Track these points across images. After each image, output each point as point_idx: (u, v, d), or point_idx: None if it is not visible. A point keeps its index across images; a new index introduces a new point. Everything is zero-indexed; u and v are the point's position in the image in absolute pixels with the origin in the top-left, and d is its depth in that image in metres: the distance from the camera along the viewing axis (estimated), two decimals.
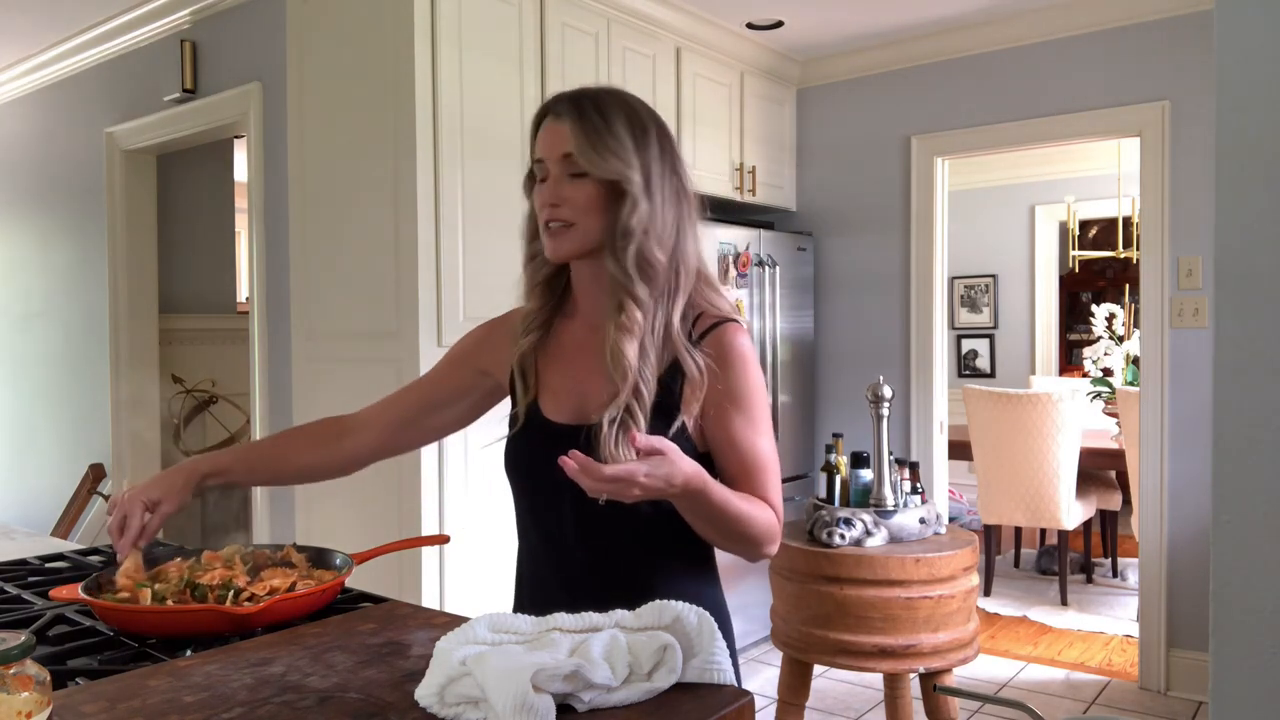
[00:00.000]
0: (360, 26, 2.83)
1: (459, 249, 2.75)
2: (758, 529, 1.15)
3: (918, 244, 4.05)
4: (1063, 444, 4.49)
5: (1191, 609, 3.45)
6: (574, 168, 1.19)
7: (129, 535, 1.23)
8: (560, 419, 1.24)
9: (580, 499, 1.20)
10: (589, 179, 1.19)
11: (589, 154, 1.18)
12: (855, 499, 2.51)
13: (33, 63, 4.32)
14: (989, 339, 7.10)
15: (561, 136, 1.20)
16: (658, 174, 1.20)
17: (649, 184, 1.19)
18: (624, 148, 1.18)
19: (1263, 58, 0.90)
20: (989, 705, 3.32)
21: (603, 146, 1.18)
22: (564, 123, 1.20)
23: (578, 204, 1.20)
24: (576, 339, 1.28)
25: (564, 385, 1.26)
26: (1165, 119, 3.48)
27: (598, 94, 1.23)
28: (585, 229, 1.20)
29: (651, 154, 1.21)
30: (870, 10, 3.68)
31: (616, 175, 1.18)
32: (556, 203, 1.21)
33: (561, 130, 1.20)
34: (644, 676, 0.84)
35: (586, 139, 1.18)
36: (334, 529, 2.90)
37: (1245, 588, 0.91)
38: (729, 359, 1.20)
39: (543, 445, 1.23)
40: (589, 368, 1.23)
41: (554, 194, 1.21)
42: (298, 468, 1.41)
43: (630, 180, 1.18)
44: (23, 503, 4.64)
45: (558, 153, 1.20)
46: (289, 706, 0.83)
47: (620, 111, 1.21)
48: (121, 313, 3.99)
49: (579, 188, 1.19)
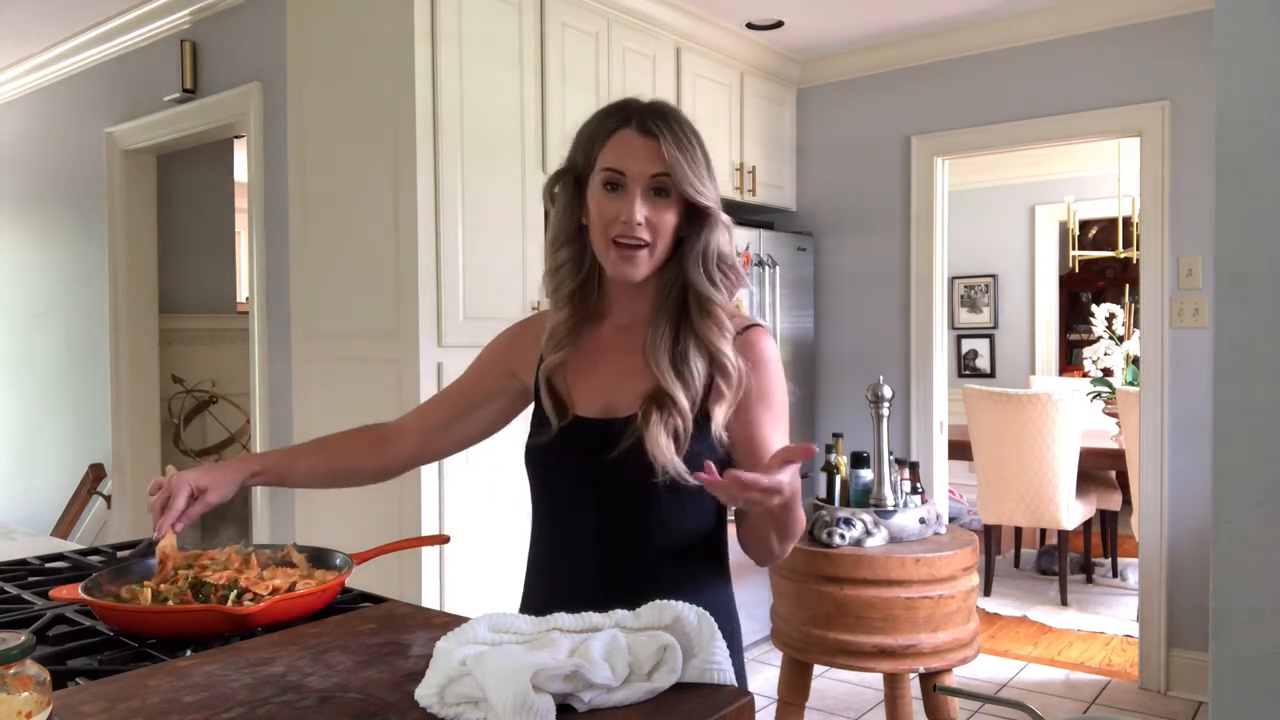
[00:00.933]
0: (360, 26, 2.83)
1: (459, 249, 2.75)
2: (799, 528, 1.18)
3: (918, 244, 4.05)
4: (1063, 444, 4.49)
5: (1191, 609, 3.45)
6: (660, 186, 1.19)
7: (170, 514, 1.24)
8: (589, 414, 1.25)
9: (603, 496, 1.21)
10: (673, 200, 1.19)
11: (689, 179, 1.18)
12: (855, 499, 2.51)
13: (33, 63, 4.33)
14: (989, 339, 7.11)
15: (653, 154, 1.17)
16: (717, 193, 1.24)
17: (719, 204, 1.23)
18: (711, 173, 1.22)
19: (1263, 58, 0.90)
20: (989, 705, 3.32)
21: (700, 172, 1.19)
22: (657, 141, 1.18)
23: (663, 227, 1.19)
24: (604, 340, 1.29)
25: (590, 383, 1.27)
26: (1165, 119, 3.48)
27: (678, 113, 1.23)
28: (661, 251, 1.21)
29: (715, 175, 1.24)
30: (870, 10, 3.68)
31: (710, 202, 1.20)
32: (643, 222, 1.18)
33: (653, 148, 1.18)
34: (644, 676, 0.84)
35: (686, 163, 1.18)
36: (334, 529, 2.90)
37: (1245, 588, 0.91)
38: (759, 360, 1.23)
39: (571, 440, 1.24)
40: (617, 367, 1.24)
41: (639, 213, 1.18)
42: (343, 470, 1.43)
43: (719, 204, 1.22)
44: (23, 503, 4.64)
45: (648, 170, 1.18)
46: (289, 706, 0.83)
47: (697, 134, 1.23)
48: (121, 313, 3.99)
49: (664, 209, 1.19)
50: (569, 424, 1.25)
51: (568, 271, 1.26)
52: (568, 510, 1.25)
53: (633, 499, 1.19)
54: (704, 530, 1.23)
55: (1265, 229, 0.90)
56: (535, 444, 1.28)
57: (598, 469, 1.21)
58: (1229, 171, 0.92)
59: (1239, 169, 0.92)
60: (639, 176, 1.18)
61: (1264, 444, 0.90)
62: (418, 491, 2.65)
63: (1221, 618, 0.93)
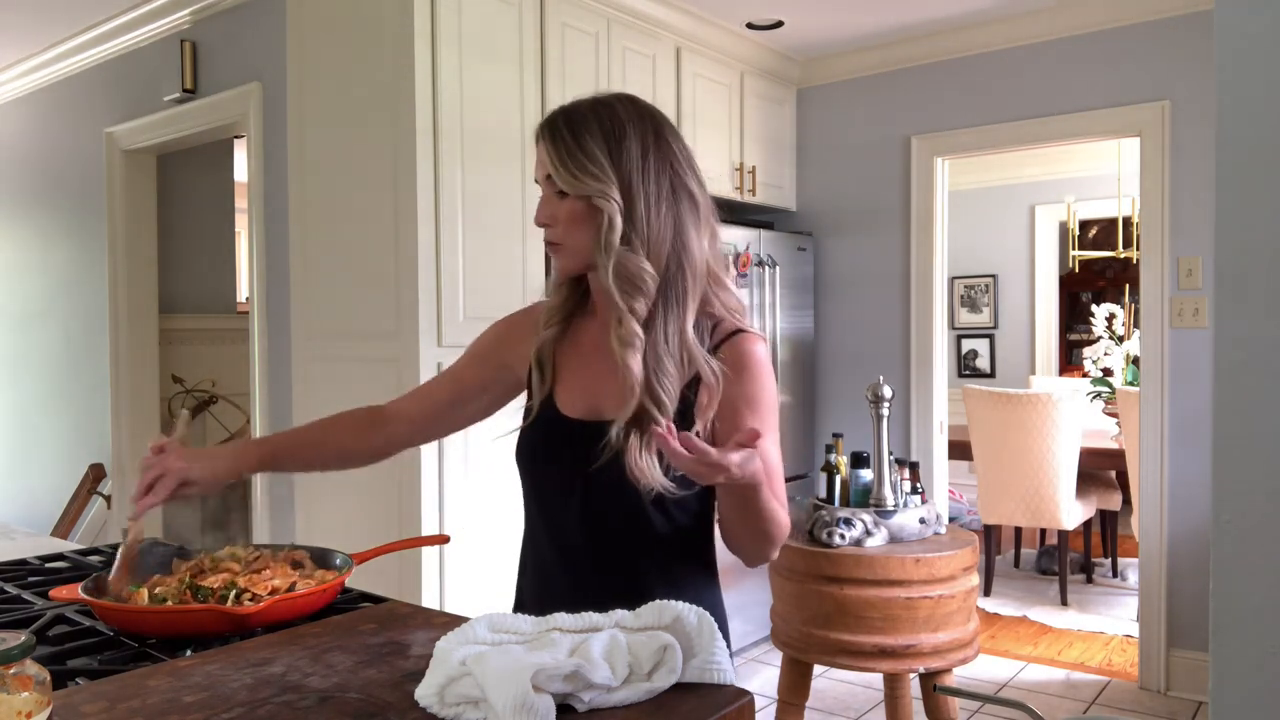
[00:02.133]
0: (360, 27, 2.83)
1: (459, 249, 2.75)
2: (778, 529, 1.17)
3: (918, 244, 4.05)
4: (1063, 444, 4.49)
5: (1191, 609, 3.45)
6: (556, 186, 1.21)
7: (151, 500, 1.23)
8: (574, 414, 1.25)
9: (588, 493, 1.21)
10: (570, 197, 1.20)
11: (561, 174, 1.19)
12: (855, 499, 2.51)
13: (33, 63, 4.32)
14: (989, 339, 7.10)
15: (543, 156, 1.22)
16: (640, 181, 1.18)
17: (629, 193, 1.17)
18: (595, 162, 1.17)
19: (1263, 58, 0.90)
20: (989, 705, 3.32)
21: (574, 165, 1.18)
22: (542, 143, 1.22)
23: (563, 222, 1.21)
24: (594, 338, 1.28)
25: (580, 382, 1.27)
26: (1165, 119, 3.48)
27: (574, 109, 1.23)
28: (575, 246, 1.21)
29: (629, 161, 1.18)
30: (870, 10, 3.68)
31: (590, 193, 1.18)
32: (546, 222, 1.23)
33: (543, 151, 1.22)
34: (644, 676, 0.84)
35: (558, 158, 1.19)
36: (334, 529, 2.90)
37: (1245, 588, 0.91)
38: (745, 365, 1.21)
39: (556, 439, 1.25)
40: (606, 367, 1.23)
41: (542, 213, 1.23)
42: (338, 452, 1.43)
43: (605, 195, 1.17)
44: (23, 503, 4.64)
45: (542, 174, 1.23)
46: (289, 706, 0.83)
47: (594, 123, 1.19)
48: (121, 313, 3.99)
49: (562, 206, 1.21)
50: (556, 422, 1.25)
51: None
52: (555, 511, 1.26)
53: (619, 504, 1.19)
54: (691, 533, 1.23)
55: (1265, 229, 0.90)
56: (524, 439, 1.29)
57: (586, 472, 1.20)
58: (1229, 171, 0.92)
59: (1239, 169, 0.92)
60: (540, 181, 1.24)
61: (1264, 444, 0.90)
62: (418, 491, 2.65)
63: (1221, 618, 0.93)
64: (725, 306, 1.25)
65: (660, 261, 1.19)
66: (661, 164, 1.20)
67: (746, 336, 1.23)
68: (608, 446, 1.17)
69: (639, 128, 1.21)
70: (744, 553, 1.21)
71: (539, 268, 2.99)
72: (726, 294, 1.26)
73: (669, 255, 1.19)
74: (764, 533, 1.16)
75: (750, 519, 1.14)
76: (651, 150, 1.20)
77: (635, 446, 1.15)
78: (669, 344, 1.18)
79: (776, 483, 1.19)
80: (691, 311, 1.20)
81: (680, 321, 1.19)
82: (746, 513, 1.14)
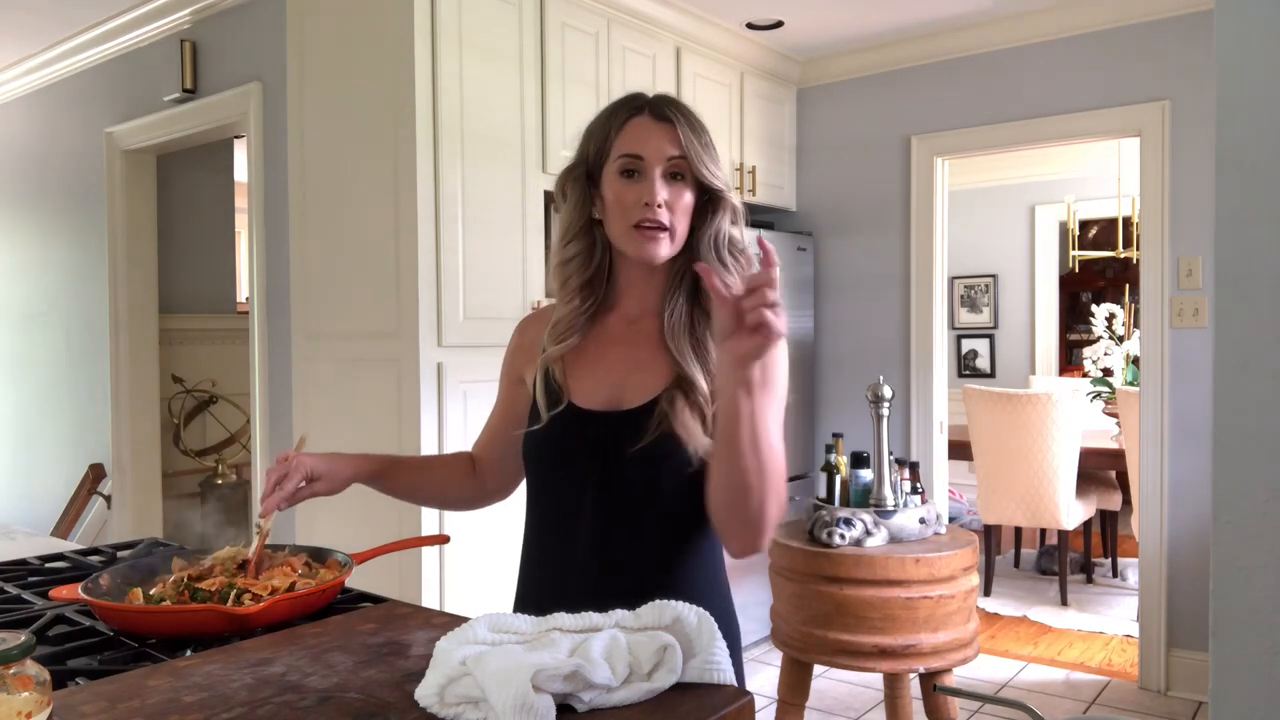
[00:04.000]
0: (360, 26, 2.83)
1: (459, 249, 2.75)
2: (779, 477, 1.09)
3: (918, 244, 4.05)
4: (1063, 444, 4.49)
5: (1191, 609, 3.45)
6: (676, 170, 1.21)
7: (278, 495, 1.24)
8: (591, 406, 1.24)
9: (605, 483, 1.20)
10: (687, 184, 1.22)
11: (702, 160, 1.21)
12: (855, 499, 2.51)
13: (33, 63, 4.33)
14: (989, 339, 7.10)
15: (668, 138, 1.21)
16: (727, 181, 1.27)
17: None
18: (720, 157, 1.24)
19: (1263, 58, 0.90)
20: (989, 705, 3.32)
21: (712, 154, 1.22)
22: (670, 126, 1.21)
23: (680, 208, 1.22)
24: (611, 332, 1.29)
25: (595, 374, 1.26)
26: (1165, 119, 3.48)
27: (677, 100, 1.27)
28: (681, 233, 1.23)
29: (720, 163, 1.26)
30: (870, 10, 3.68)
31: (722, 184, 1.23)
32: (662, 204, 1.20)
33: (668, 132, 1.21)
34: (644, 676, 0.84)
35: (698, 145, 1.21)
36: (334, 529, 2.90)
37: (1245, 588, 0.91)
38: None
39: (572, 431, 1.23)
40: (625, 358, 1.24)
41: (662, 194, 1.20)
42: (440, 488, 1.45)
43: (730, 188, 1.23)
44: (23, 503, 4.64)
45: (663, 154, 1.21)
46: (289, 706, 0.83)
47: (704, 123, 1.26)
48: (121, 313, 3.99)
49: (680, 192, 1.22)
50: (568, 416, 1.24)
51: (577, 264, 1.27)
52: (567, 505, 1.24)
53: (640, 495, 1.19)
54: (705, 531, 1.23)
55: (1265, 229, 0.90)
56: (533, 434, 1.27)
57: (604, 463, 1.20)
58: (1229, 171, 0.92)
59: (1239, 169, 0.92)
60: (657, 160, 1.21)
61: (1264, 444, 0.90)
62: None
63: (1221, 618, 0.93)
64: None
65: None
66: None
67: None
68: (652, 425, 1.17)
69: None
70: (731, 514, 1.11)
71: (539, 268, 2.98)
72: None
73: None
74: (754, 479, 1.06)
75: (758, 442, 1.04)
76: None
77: (683, 409, 1.17)
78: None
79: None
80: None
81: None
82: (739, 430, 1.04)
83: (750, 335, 0.97)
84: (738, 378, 1.02)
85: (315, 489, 1.29)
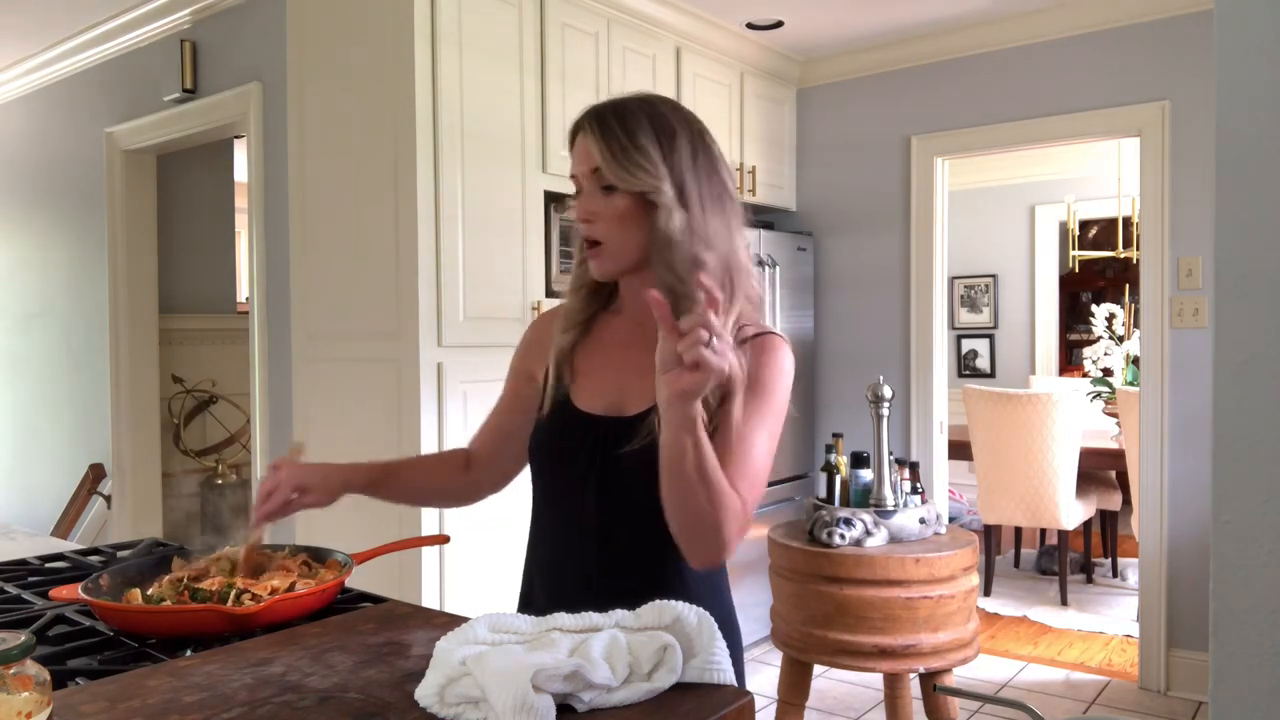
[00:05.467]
0: (360, 26, 2.83)
1: (459, 249, 2.75)
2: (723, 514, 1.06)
3: (918, 244, 4.05)
4: (1063, 444, 4.49)
5: (1191, 609, 3.45)
6: (603, 182, 1.19)
7: (268, 507, 1.24)
8: (593, 410, 1.24)
9: (604, 487, 1.20)
10: (619, 193, 1.19)
11: (613, 167, 1.17)
12: (855, 499, 2.51)
13: (33, 63, 4.33)
14: (989, 339, 7.10)
15: (590, 151, 1.20)
16: (693, 181, 1.19)
17: (683, 191, 1.18)
18: (648, 158, 1.17)
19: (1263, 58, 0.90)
20: (989, 705, 3.32)
21: (626, 159, 1.17)
22: (589, 137, 1.20)
23: (609, 219, 1.19)
24: (619, 335, 1.28)
25: (601, 378, 1.27)
26: (1165, 119, 3.48)
27: (623, 104, 1.22)
28: (621, 245, 1.20)
29: (681, 160, 1.19)
30: (870, 10, 3.68)
31: (644, 187, 1.17)
32: (589, 218, 1.21)
33: (589, 145, 1.20)
34: (644, 676, 0.84)
35: (610, 152, 1.18)
36: (334, 529, 2.90)
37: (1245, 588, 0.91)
38: (765, 358, 1.19)
39: (572, 432, 1.24)
40: (630, 363, 1.23)
41: (585, 209, 1.21)
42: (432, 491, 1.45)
43: (659, 190, 1.17)
44: (23, 503, 4.64)
45: (587, 168, 1.21)
46: (289, 706, 0.83)
47: (645, 120, 1.20)
48: (121, 313, 3.99)
49: (609, 202, 1.19)
50: (570, 416, 1.25)
51: (585, 268, 1.29)
52: (568, 505, 1.24)
53: (639, 500, 1.19)
54: None
55: (1265, 229, 0.90)
56: (539, 437, 1.28)
57: (603, 468, 1.20)
58: (1229, 171, 0.92)
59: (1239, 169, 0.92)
60: (584, 176, 1.21)
61: (1264, 444, 0.90)
62: None
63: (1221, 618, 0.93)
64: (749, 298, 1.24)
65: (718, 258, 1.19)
66: (710, 167, 1.22)
67: (774, 338, 1.23)
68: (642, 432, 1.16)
69: (686, 130, 1.22)
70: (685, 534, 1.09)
71: (539, 268, 2.99)
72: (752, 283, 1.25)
73: (725, 255, 1.20)
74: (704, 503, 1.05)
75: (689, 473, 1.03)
76: (700, 153, 1.21)
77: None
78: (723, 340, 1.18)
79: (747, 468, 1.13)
80: (736, 311, 1.20)
81: (726, 320, 1.18)
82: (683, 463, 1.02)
83: (689, 371, 0.96)
84: (679, 415, 1.00)
85: (305, 501, 1.28)
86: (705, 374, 0.96)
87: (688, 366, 0.96)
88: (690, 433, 1.02)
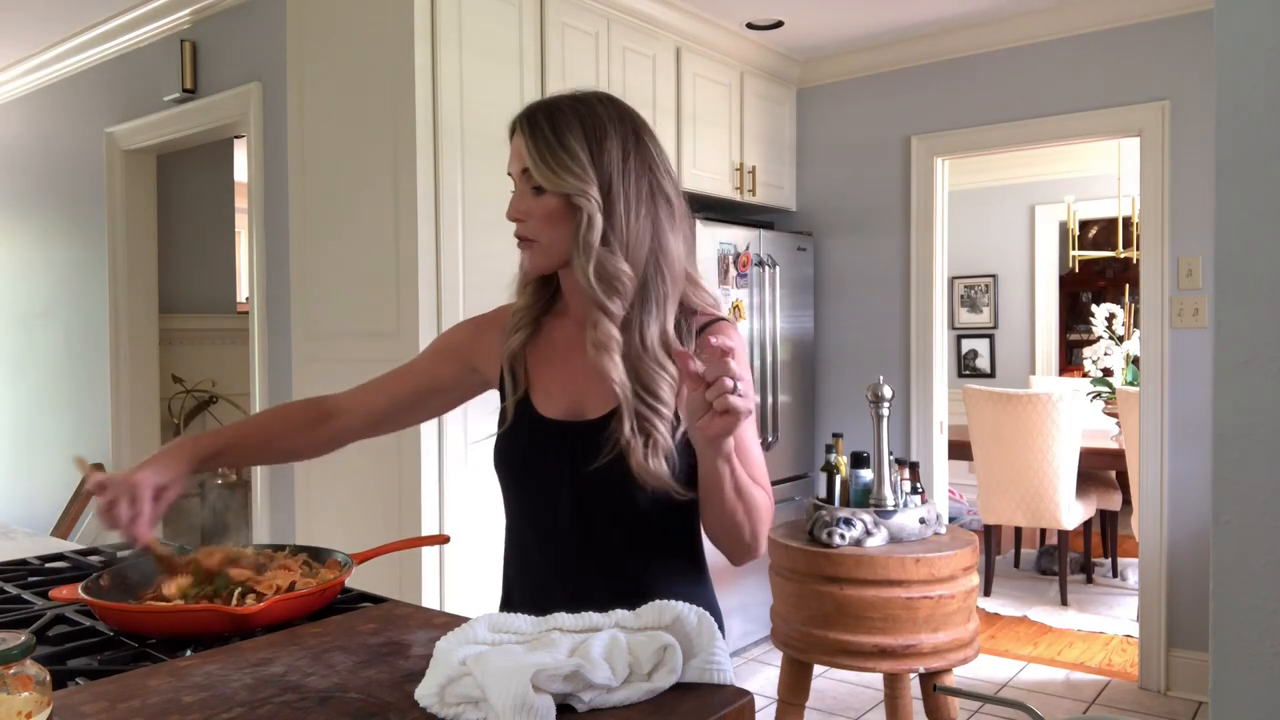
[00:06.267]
0: (360, 26, 2.83)
1: (459, 249, 2.75)
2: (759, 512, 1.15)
3: (918, 244, 4.05)
4: (1062, 444, 4.49)
5: (1191, 609, 3.45)
6: (533, 182, 1.19)
7: (143, 521, 1.18)
8: (553, 415, 1.24)
9: (576, 494, 1.20)
10: (547, 193, 1.19)
11: (540, 169, 1.17)
12: (855, 499, 2.51)
13: (33, 63, 4.33)
14: (989, 339, 7.10)
15: (519, 151, 1.20)
16: (621, 182, 1.18)
17: (609, 194, 1.17)
18: (576, 160, 1.16)
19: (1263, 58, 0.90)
20: (989, 705, 3.32)
21: (554, 161, 1.16)
22: (520, 137, 1.20)
23: (539, 218, 1.20)
24: (569, 337, 1.28)
25: (558, 382, 1.26)
26: (1165, 119, 3.48)
27: (555, 104, 1.21)
28: (549, 243, 1.21)
29: (610, 162, 1.17)
30: (870, 10, 3.68)
31: (568, 190, 1.16)
32: (518, 217, 1.23)
33: (519, 145, 1.20)
34: (644, 676, 0.84)
35: (537, 153, 1.18)
36: (334, 529, 2.90)
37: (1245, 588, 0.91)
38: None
39: (537, 441, 1.23)
40: (582, 365, 1.22)
41: (515, 209, 1.23)
42: (285, 450, 1.42)
43: (584, 194, 1.16)
44: (23, 503, 4.64)
45: (517, 167, 1.22)
46: (289, 706, 0.83)
47: (575, 121, 1.18)
48: (121, 313, 3.99)
49: (539, 202, 1.20)
50: (538, 424, 1.24)
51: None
52: (542, 514, 1.24)
53: (608, 503, 1.18)
54: (680, 529, 1.23)
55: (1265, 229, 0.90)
56: (503, 446, 1.27)
57: (572, 475, 1.20)
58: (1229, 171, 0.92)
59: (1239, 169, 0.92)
60: (516, 176, 1.23)
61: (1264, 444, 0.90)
62: (418, 491, 2.65)
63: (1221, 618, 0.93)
64: (703, 305, 1.26)
65: (639, 264, 1.18)
66: (641, 167, 1.20)
67: (723, 324, 1.24)
68: (607, 447, 1.16)
69: (619, 129, 1.20)
70: (727, 543, 1.17)
71: None
72: (703, 293, 1.27)
73: (647, 257, 1.19)
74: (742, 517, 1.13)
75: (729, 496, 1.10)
76: (632, 153, 1.20)
77: (639, 449, 1.14)
78: (649, 345, 1.17)
79: (752, 464, 1.17)
80: (671, 312, 1.21)
81: (661, 322, 1.19)
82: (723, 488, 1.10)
83: (719, 418, 1.00)
84: (715, 452, 1.06)
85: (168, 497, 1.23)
86: (735, 418, 1.00)
87: (718, 412, 1.00)
88: (728, 461, 1.08)
